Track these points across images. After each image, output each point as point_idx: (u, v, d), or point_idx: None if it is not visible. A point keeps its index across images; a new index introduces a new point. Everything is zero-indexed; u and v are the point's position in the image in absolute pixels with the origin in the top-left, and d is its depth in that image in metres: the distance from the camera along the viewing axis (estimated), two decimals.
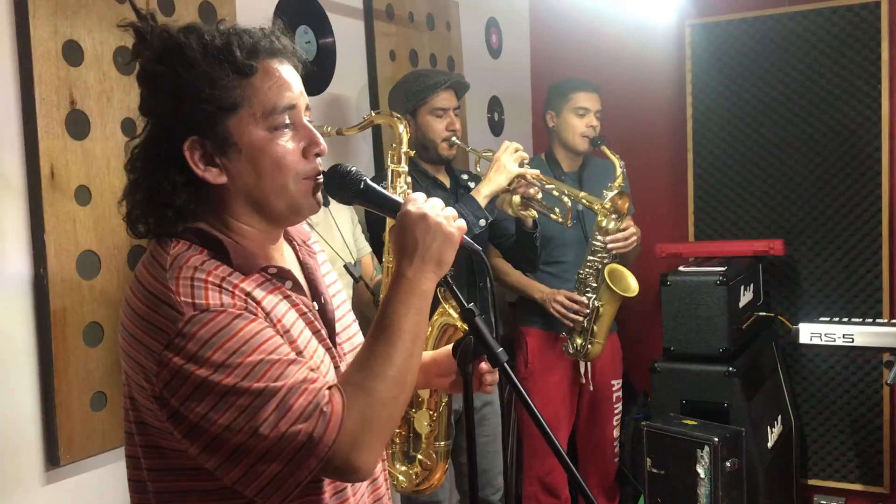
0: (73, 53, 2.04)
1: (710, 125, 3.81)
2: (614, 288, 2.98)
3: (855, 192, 3.56)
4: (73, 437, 2.03)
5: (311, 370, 1.18)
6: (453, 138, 2.80)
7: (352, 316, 1.44)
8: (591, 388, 3.29)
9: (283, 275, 1.27)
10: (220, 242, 1.22)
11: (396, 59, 3.27)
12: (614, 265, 3.04)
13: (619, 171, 3.03)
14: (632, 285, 3.03)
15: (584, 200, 2.88)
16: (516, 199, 2.69)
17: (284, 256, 1.35)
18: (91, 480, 2.10)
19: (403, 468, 2.34)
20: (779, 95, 3.68)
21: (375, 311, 2.45)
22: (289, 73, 1.25)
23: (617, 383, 3.41)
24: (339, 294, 1.45)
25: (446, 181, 2.90)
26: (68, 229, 2.03)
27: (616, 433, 3.42)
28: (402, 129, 2.41)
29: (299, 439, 1.12)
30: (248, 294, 1.20)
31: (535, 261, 2.97)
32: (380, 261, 2.63)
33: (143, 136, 1.24)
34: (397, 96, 2.86)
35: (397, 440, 2.34)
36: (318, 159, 1.27)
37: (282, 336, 1.20)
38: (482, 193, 2.61)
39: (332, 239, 2.54)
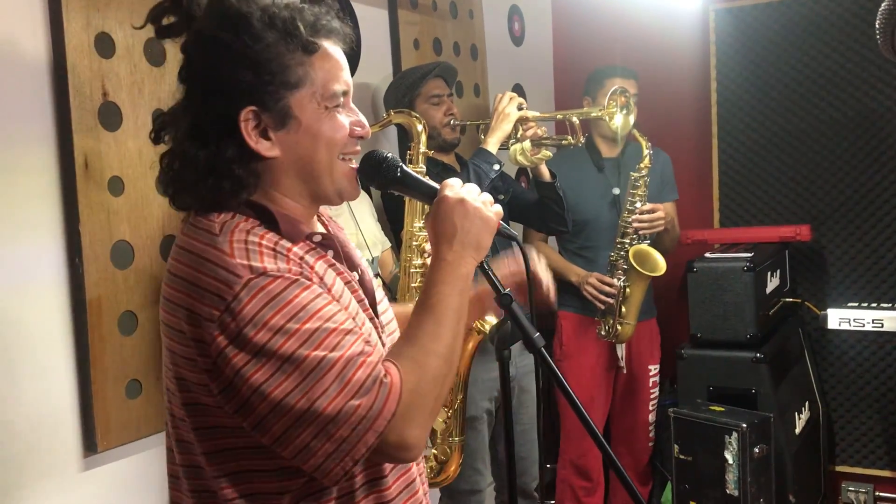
0: (105, 45, 2.06)
1: (735, 111, 3.79)
2: (638, 268, 3.00)
3: (883, 177, 3.53)
4: (110, 424, 2.06)
5: (367, 342, 1.17)
6: (453, 121, 2.87)
7: (382, 293, 1.43)
8: (626, 372, 3.30)
9: (326, 243, 1.27)
10: (266, 210, 1.21)
11: (420, 48, 3.27)
12: (640, 246, 3.07)
13: (645, 151, 3.03)
14: (659, 264, 3.04)
15: (591, 114, 2.88)
16: (527, 144, 2.70)
17: (319, 230, 1.34)
18: (128, 467, 2.13)
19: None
20: (804, 80, 3.64)
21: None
22: (342, 56, 1.26)
23: (654, 368, 3.42)
24: (369, 268, 1.44)
25: (457, 166, 2.92)
26: (102, 220, 2.05)
27: (652, 418, 3.44)
28: (421, 129, 2.42)
29: (359, 413, 1.11)
30: (301, 258, 1.19)
31: (563, 216, 2.95)
32: (397, 256, 2.63)
33: (186, 102, 1.20)
34: (391, 96, 2.90)
35: (428, 436, 2.35)
36: (359, 144, 1.28)
37: (336, 302, 1.18)
38: (490, 143, 2.67)
39: (353, 234, 2.54)
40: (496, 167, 2.62)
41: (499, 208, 1.30)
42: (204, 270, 1.13)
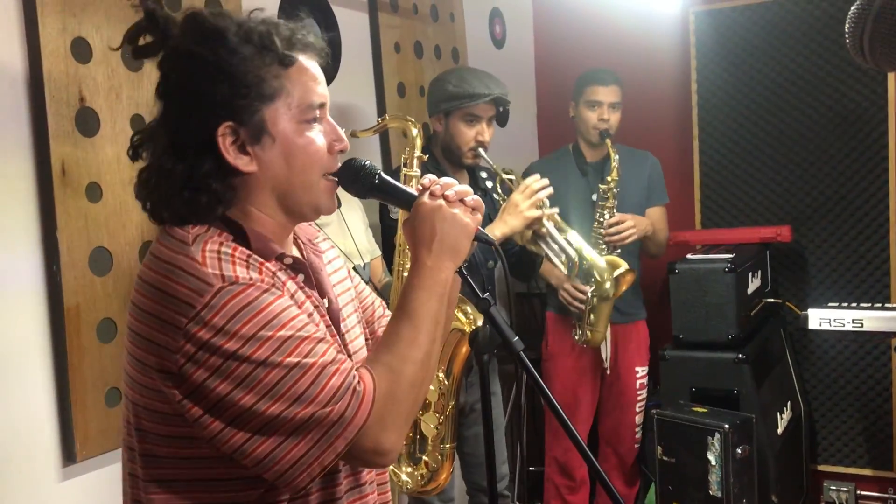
0: (81, 50, 2.04)
1: (715, 112, 3.81)
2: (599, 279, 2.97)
3: (862, 177, 3.56)
4: (89, 433, 2.04)
5: (339, 351, 1.18)
6: (480, 150, 2.72)
7: (356, 318, 1.43)
8: (610, 373, 3.31)
9: (297, 266, 1.27)
10: (239, 227, 1.21)
11: (401, 52, 3.27)
12: (609, 257, 3.05)
13: (614, 164, 3.08)
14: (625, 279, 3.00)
15: (587, 258, 2.84)
16: (528, 233, 2.62)
17: (294, 253, 1.34)
18: (107, 476, 2.11)
19: (409, 469, 2.34)
20: (784, 81, 3.67)
21: None
22: (318, 70, 1.26)
23: (642, 370, 3.42)
24: (346, 293, 1.43)
25: (465, 181, 2.87)
26: (80, 226, 2.03)
27: (639, 419, 3.44)
28: (416, 134, 2.39)
29: (331, 419, 1.11)
30: (274, 273, 1.20)
31: (530, 276, 2.99)
32: (389, 265, 2.61)
33: (164, 118, 1.21)
34: (438, 92, 2.77)
35: (404, 442, 2.34)
36: (339, 157, 1.29)
37: (307, 315, 1.19)
38: (495, 234, 2.49)
39: (344, 242, 2.52)
40: (490, 264, 2.54)
41: (479, 217, 1.29)
42: (174, 278, 1.13)
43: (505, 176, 2.75)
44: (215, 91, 1.16)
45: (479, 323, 2.30)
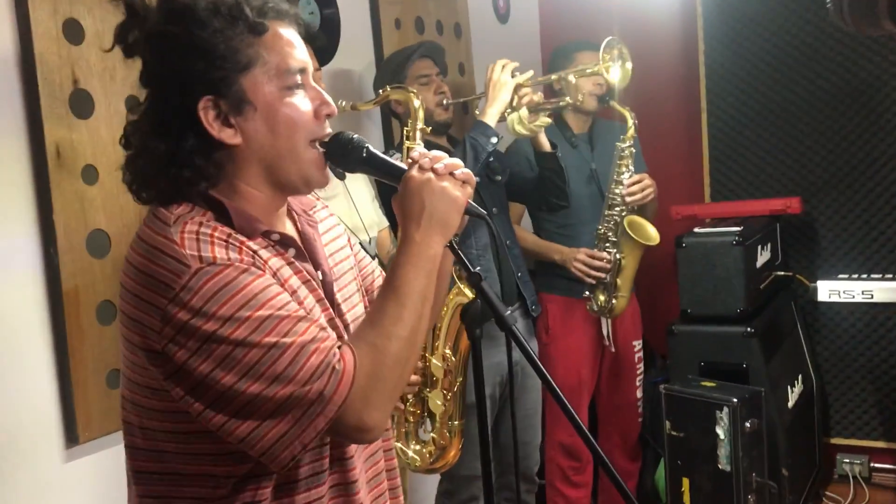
0: (73, 32, 2.03)
1: (723, 84, 3.75)
2: (636, 237, 2.96)
3: (872, 148, 3.50)
4: (91, 415, 2.05)
5: (322, 328, 1.17)
6: (444, 100, 2.80)
7: (354, 287, 1.43)
8: (614, 350, 3.29)
9: (286, 241, 1.27)
10: (221, 204, 1.21)
11: (402, 28, 3.23)
12: (633, 217, 3.03)
13: (630, 122, 2.98)
14: (653, 234, 3.02)
15: (587, 70, 2.83)
16: (524, 112, 2.62)
17: (286, 226, 1.34)
18: (110, 457, 2.11)
19: (417, 447, 2.34)
20: (793, 51, 3.60)
21: None
22: (295, 37, 1.26)
23: (638, 344, 3.40)
24: (346, 261, 1.43)
25: (450, 148, 2.87)
26: (77, 209, 2.03)
27: (639, 394, 3.42)
28: (418, 105, 2.37)
29: (309, 398, 1.12)
30: (254, 252, 1.19)
31: (564, 189, 2.90)
32: (395, 235, 2.60)
33: (145, 106, 1.22)
34: (380, 82, 2.83)
35: (411, 419, 2.33)
36: (328, 122, 1.28)
37: (290, 295, 1.19)
38: (488, 115, 2.57)
39: (349, 215, 2.51)
40: (493, 140, 2.54)
41: (469, 190, 1.27)
42: (154, 260, 1.14)
43: (478, 96, 2.80)
44: (191, 66, 1.17)
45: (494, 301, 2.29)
